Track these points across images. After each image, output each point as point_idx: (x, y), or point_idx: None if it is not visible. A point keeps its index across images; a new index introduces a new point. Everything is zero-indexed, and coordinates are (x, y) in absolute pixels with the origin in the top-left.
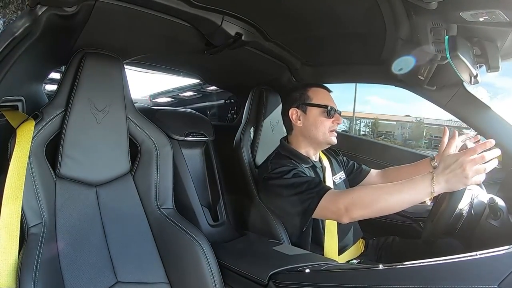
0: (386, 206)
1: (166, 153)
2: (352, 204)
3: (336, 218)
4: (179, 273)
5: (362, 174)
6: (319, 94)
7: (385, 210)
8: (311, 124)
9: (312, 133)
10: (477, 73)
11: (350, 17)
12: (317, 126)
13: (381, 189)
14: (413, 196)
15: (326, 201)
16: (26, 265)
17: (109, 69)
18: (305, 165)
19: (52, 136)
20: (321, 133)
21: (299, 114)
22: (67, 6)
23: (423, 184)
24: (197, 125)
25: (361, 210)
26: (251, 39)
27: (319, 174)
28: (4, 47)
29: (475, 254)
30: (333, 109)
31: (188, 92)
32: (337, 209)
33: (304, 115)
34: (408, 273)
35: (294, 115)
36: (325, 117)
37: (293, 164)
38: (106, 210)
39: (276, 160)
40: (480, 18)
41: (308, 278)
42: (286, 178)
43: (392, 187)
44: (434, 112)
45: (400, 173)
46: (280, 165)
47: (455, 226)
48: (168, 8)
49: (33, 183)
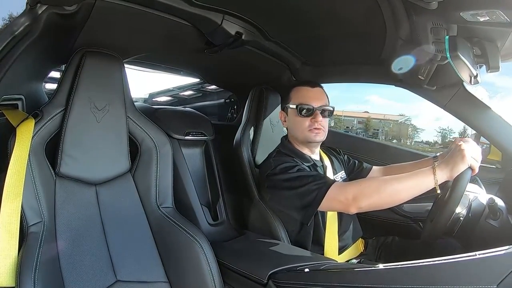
0: (394, 194)
1: (166, 152)
2: (360, 193)
3: (344, 208)
4: (179, 272)
5: (363, 172)
6: (298, 93)
7: (393, 199)
8: (292, 125)
9: (294, 133)
10: (477, 73)
11: (350, 16)
12: (296, 126)
13: (387, 179)
14: (419, 183)
15: (334, 191)
16: (26, 264)
17: (109, 68)
18: (306, 164)
19: (52, 135)
20: (299, 133)
21: (284, 116)
22: (67, 5)
23: (427, 171)
24: (197, 124)
25: (368, 199)
26: (251, 38)
27: (320, 172)
28: (4, 46)
29: (475, 254)
30: (305, 108)
31: (188, 91)
32: (345, 198)
33: (287, 116)
34: (407, 273)
35: (282, 117)
36: (301, 116)
37: (294, 161)
38: (106, 209)
39: (278, 157)
40: (480, 18)
41: (308, 277)
42: (291, 173)
43: (398, 177)
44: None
45: (403, 170)
46: (283, 161)
47: (453, 228)
48: (168, 7)
49: (33, 182)
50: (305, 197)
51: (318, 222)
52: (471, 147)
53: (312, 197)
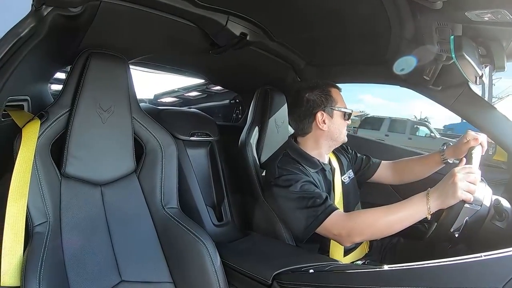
0: (388, 227)
1: (171, 152)
2: (353, 230)
3: (337, 241)
4: (183, 273)
5: (371, 169)
6: (339, 96)
7: (386, 232)
8: (336, 127)
9: (336, 136)
10: (482, 73)
11: (354, 17)
12: (341, 129)
13: (381, 212)
14: (412, 213)
15: (329, 223)
16: (31, 264)
17: (114, 69)
18: (313, 170)
19: (58, 135)
20: (342, 135)
21: (325, 117)
22: (72, 7)
23: (420, 201)
24: (202, 125)
25: (362, 235)
26: (256, 39)
27: (328, 177)
28: (9, 48)
29: (480, 255)
30: (350, 113)
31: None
32: (339, 233)
33: (330, 119)
34: (412, 274)
35: (320, 119)
36: (346, 119)
37: (300, 171)
38: (111, 209)
39: (284, 164)
40: (485, 17)
41: (312, 278)
42: (293, 191)
43: (393, 208)
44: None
45: (410, 165)
46: (288, 172)
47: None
48: (173, 8)
49: (38, 182)
50: (301, 220)
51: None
52: (467, 176)
53: (308, 223)
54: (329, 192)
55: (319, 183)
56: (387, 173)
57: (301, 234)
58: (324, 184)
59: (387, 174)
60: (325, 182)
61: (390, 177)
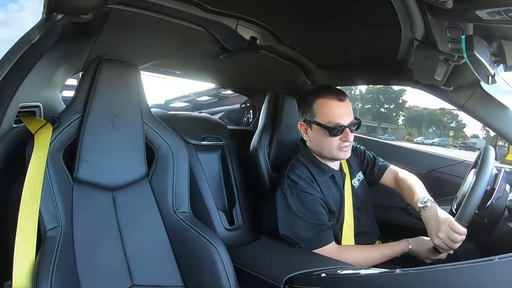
0: (371, 263)
1: (182, 157)
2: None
3: None
4: (195, 277)
5: (378, 173)
6: (324, 109)
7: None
8: (318, 142)
9: (320, 151)
10: (494, 73)
11: (364, 18)
12: (322, 145)
13: (370, 253)
14: (395, 254)
15: (324, 252)
16: (43, 268)
17: (125, 75)
18: (322, 178)
19: (70, 141)
20: (326, 152)
21: (306, 129)
22: (82, 14)
23: (403, 246)
24: (213, 130)
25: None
26: (265, 42)
27: (339, 183)
28: (21, 55)
29: (494, 258)
30: (337, 128)
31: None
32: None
33: (311, 132)
34: (424, 277)
35: (302, 129)
36: (330, 136)
37: (309, 183)
38: (123, 214)
39: (294, 172)
40: (496, 16)
41: (324, 282)
42: (296, 209)
43: (380, 250)
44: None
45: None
46: (296, 186)
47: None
48: (182, 13)
49: (50, 187)
50: (299, 238)
51: (334, 225)
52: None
53: (305, 239)
54: (340, 198)
55: (328, 192)
56: (391, 182)
57: (288, 239)
58: (334, 192)
59: (390, 183)
60: (335, 189)
61: (392, 186)
